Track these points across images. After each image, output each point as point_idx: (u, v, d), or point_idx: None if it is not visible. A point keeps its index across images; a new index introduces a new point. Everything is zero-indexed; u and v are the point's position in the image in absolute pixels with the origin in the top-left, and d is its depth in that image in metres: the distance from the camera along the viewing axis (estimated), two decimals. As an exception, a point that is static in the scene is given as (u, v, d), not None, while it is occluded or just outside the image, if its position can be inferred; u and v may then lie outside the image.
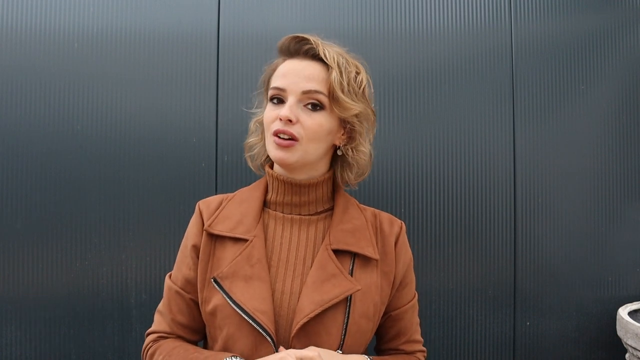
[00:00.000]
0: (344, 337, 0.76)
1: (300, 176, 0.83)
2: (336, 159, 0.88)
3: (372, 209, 0.91)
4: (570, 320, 1.57)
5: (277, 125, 0.77)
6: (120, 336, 1.39)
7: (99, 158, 1.38)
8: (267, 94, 0.86)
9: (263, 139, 0.88)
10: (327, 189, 0.86)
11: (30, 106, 1.37)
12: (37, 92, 1.38)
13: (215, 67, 1.43)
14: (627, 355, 1.48)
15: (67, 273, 1.37)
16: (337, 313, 0.76)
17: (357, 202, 0.90)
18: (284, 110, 0.76)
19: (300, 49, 0.80)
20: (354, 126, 0.83)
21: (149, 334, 0.87)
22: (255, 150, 0.91)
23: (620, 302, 1.58)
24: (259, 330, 0.73)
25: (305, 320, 0.73)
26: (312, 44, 0.79)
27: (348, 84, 0.79)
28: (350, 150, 0.85)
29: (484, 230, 1.51)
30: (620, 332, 1.46)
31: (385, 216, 0.90)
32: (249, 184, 0.93)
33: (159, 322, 0.86)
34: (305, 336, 0.74)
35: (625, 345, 1.46)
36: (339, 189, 0.89)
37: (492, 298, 1.52)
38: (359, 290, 0.77)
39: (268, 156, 0.89)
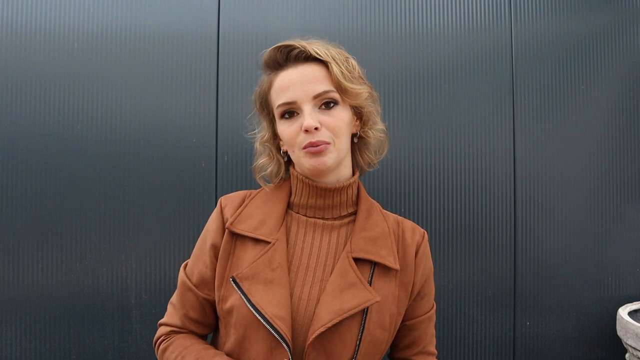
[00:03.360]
0: (359, 347, 0.76)
1: (330, 179, 0.82)
2: (352, 146, 0.87)
3: (395, 215, 0.90)
4: (570, 320, 1.57)
5: (306, 139, 0.76)
6: (120, 336, 1.39)
7: (99, 158, 1.38)
8: (267, 112, 0.85)
9: (274, 157, 0.88)
10: (352, 193, 0.85)
11: (30, 106, 1.37)
12: (37, 92, 1.38)
13: (215, 67, 1.43)
14: (627, 355, 1.48)
15: (67, 273, 1.37)
16: (353, 323, 0.75)
17: (381, 207, 0.88)
18: (308, 121, 0.75)
19: (288, 56, 0.79)
20: (366, 108, 0.83)
21: (161, 324, 0.87)
22: (269, 170, 0.89)
23: (620, 302, 1.58)
24: (275, 336, 0.73)
25: (322, 329, 0.72)
26: (298, 47, 0.78)
27: (348, 72, 0.79)
28: (368, 131, 0.85)
29: (484, 230, 1.51)
30: (620, 332, 1.46)
31: (408, 225, 0.88)
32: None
33: (172, 315, 0.86)
34: (321, 344, 0.74)
35: (625, 345, 1.46)
36: (363, 193, 0.88)
37: (492, 298, 1.52)
38: (377, 301, 0.76)
39: (282, 174, 0.89)
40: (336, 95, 0.78)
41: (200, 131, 1.42)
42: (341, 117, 0.78)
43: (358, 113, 0.84)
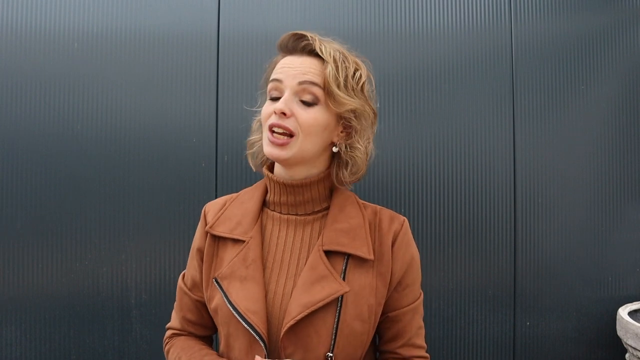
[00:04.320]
0: (335, 339, 0.75)
1: (298, 174, 0.83)
2: (332, 156, 0.87)
3: (375, 205, 0.89)
4: (570, 320, 1.57)
5: (272, 120, 0.77)
6: (120, 336, 1.39)
7: (99, 158, 1.38)
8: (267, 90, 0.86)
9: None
10: (324, 187, 0.85)
11: (30, 106, 1.37)
12: (37, 92, 1.38)
13: (215, 67, 1.43)
14: (627, 355, 1.48)
15: (67, 273, 1.37)
16: (328, 315, 0.75)
17: (358, 199, 0.88)
18: (279, 104, 0.76)
19: (297, 45, 0.81)
20: (350, 122, 0.82)
21: (167, 328, 0.93)
22: (255, 148, 0.91)
23: (620, 302, 1.58)
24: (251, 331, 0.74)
25: (292, 322, 0.73)
26: (309, 40, 0.79)
27: (345, 79, 0.78)
28: (345, 147, 0.83)
29: (484, 230, 1.51)
30: (620, 332, 1.46)
31: (386, 214, 0.87)
32: (249, 184, 0.93)
33: (173, 319, 0.92)
34: (295, 337, 0.74)
35: (625, 345, 1.46)
36: (337, 187, 0.87)
37: (492, 298, 1.52)
38: (347, 292, 0.76)
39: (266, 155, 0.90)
40: (319, 93, 0.78)
41: (200, 131, 1.42)
42: (316, 117, 0.78)
43: (345, 125, 0.83)
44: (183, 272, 0.93)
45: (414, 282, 0.86)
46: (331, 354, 0.75)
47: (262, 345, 0.74)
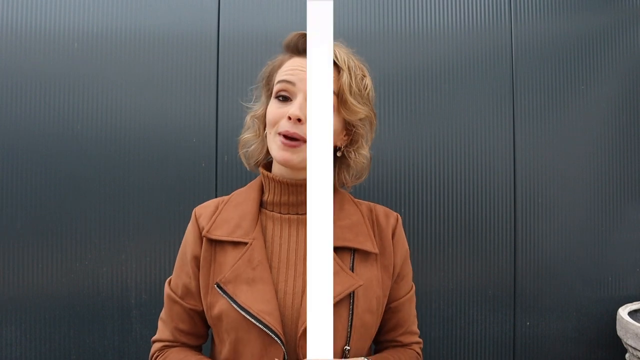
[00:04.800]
0: (350, 333, 0.76)
1: (302, 174, 0.83)
2: (334, 159, 0.88)
3: (368, 202, 0.91)
4: (570, 320, 1.57)
5: (286, 126, 0.76)
6: (120, 336, 1.39)
7: (99, 158, 1.38)
8: (268, 89, 0.86)
9: (260, 135, 0.88)
10: None
11: (30, 106, 1.37)
12: (37, 92, 1.38)
13: (215, 67, 1.43)
14: (627, 355, 1.48)
15: (67, 273, 1.37)
16: (342, 310, 0.76)
17: (352, 197, 0.90)
18: (294, 109, 0.75)
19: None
20: (357, 129, 0.83)
21: (154, 341, 0.88)
22: (252, 148, 0.90)
23: (620, 302, 1.58)
24: (266, 332, 0.73)
25: None
26: None
27: (357, 88, 0.79)
28: (352, 152, 0.85)
29: (484, 230, 1.51)
30: (620, 332, 1.46)
31: (380, 209, 0.90)
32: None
33: (162, 331, 0.87)
34: None
35: (625, 345, 1.46)
36: (334, 187, 0.88)
37: (492, 298, 1.52)
38: (361, 285, 0.77)
39: (263, 155, 0.89)
40: (333, 99, 0.78)
41: (200, 131, 1.42)
42: None
43: (349, 130, 0.84)
44: (168, 279, 0.89)
45: (409, 272, 0.90)
46: (348, 347, 0.76)
47: (282, 346, 0.73)
